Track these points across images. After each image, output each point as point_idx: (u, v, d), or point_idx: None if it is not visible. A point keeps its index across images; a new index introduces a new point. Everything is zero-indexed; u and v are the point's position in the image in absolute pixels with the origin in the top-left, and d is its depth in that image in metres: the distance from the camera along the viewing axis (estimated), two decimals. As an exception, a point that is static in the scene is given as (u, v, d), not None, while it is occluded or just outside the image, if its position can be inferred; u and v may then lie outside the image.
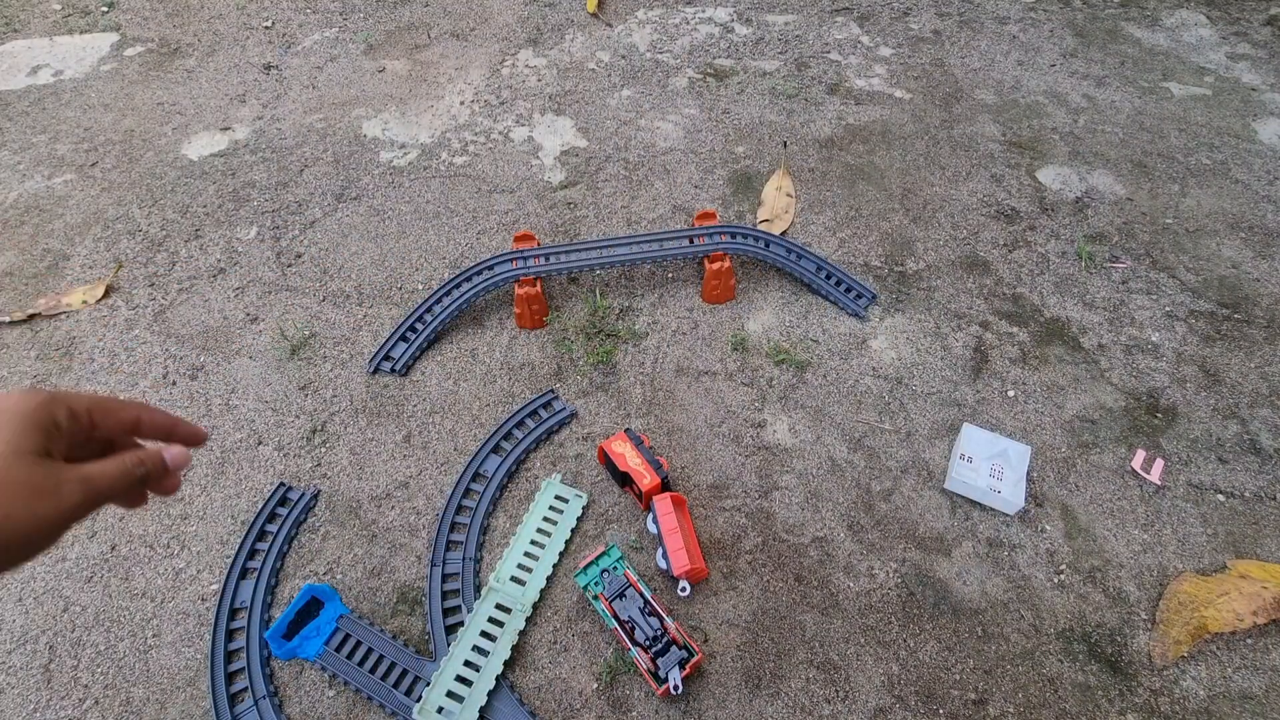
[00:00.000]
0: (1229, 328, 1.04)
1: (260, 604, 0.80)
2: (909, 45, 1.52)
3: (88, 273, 1.14)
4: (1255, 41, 1.52)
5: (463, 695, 0.72)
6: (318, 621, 0.74)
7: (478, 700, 0.72)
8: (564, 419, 0.94)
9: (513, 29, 1.60)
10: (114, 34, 1.62)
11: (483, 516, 0.85)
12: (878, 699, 0.74)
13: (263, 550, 0.84)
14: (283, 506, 0.87)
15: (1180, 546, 0.84)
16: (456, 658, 0.74)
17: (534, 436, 0.91)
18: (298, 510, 0.87)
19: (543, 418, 0.93)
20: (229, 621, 0.79)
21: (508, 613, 0.78)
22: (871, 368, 1.00)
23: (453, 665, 0.74)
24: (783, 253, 1.07)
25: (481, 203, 1.23)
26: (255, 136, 1.36)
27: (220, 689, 0.74)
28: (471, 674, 0.73)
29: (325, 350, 1.04)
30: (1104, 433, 0.93)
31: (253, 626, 0.78)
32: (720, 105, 1.40)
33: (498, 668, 0.74)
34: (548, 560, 0.82)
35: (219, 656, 0.76)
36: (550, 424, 0.93)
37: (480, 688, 0.72)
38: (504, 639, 0.76)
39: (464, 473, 0.88)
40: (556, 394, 0.96)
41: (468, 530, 0.84)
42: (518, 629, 0.77)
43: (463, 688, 0.72)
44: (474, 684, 0.73)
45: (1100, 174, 1.25)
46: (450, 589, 0.80)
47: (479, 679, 0.73)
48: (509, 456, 0.90)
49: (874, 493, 0.88)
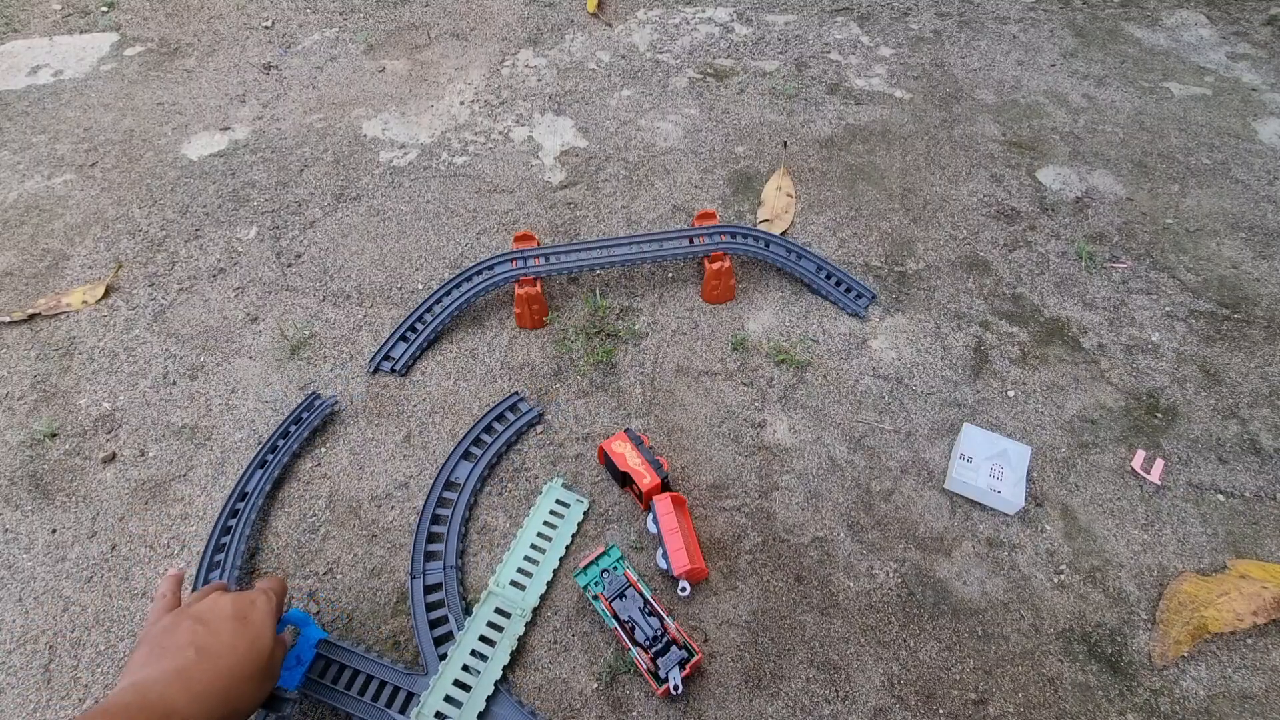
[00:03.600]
0: (1229, 328, 1.04)
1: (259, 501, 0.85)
2: (909, 45, 1.53)
3: (88, 273, 1.14)
4: (1255, 41, 1.52)
5: (461, 700, 0.71)
6: (296, 650, 0.72)
7: (476, 705, 0.71)
8: (531, 419, 0.94)
9: (513, 29, 1.60)
10: (114, 34, 1.62)
11: (460, 524, 0.84)
12: (878, 699, 0.74)
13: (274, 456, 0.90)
14: (308, 411, 0.95)
15: (1180, 546, 0.84)
16: (455, 661, 0.73)
17: (503, 439, 0.91)
18: (316, 417, 0.94)
19: (510, 420, 0.93)
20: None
21: (507, 617, 0.78)
22: (871, 368, 1.00)
23: (451, 669, 0.73)
24: (783, 253, 1.07)
25: (481, 203, 1.23)
26: (255, 136, 1.36)
27: None
28: (470, 679, 0.73)
29: (325, 350, 1.04)
30: (1104, 433, 0.93)
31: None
32: (720, 105, 1.40)
33: (497, 672, 0.73)
34: (548, 565, 0.82)
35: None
36: (519, 425, 0.92)
37: (479, 692, 0.72)
38: (503, 644, 0.75)
39: (435, 481, 0.87)
40: (522, 395, 0.95)
41: (445, 539, 0.83)
42: (517, 634, 0.76)
43: (461, 693, 0.72)
44: (473, 689, 0.72)
45: (1100, 174, 1.25)
46: (434, 600, 0.79)
47: (478, 683, 0.73)
48: (479, 462, 0.89)
49: (874, 493, 0.88)
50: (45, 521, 0.88)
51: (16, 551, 0.86)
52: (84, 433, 0.96)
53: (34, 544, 0.86)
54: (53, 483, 0.92)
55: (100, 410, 0.98)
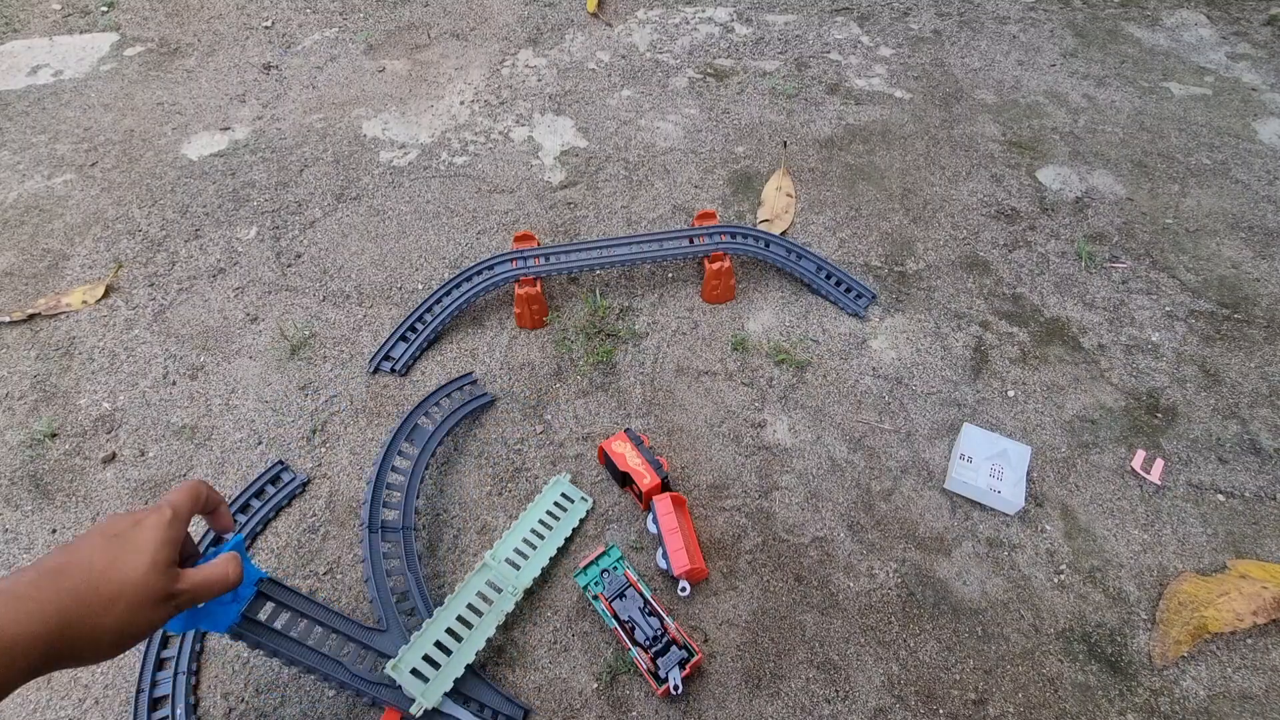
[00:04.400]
0: (1229, 328, 1.04)
1: None
2: (909, 45, 1.53)
3: (88, 273, 1.14)
4: (1255, 41, 1.52)
5: (440, 662, 0.71)
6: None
7: (454, 670, 0.70)
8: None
9: (513, 29, 1.60)
10: (114, 34, 1.62)
11: (416, 485, 0.84)
12: (878, 699, 0.74)
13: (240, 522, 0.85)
14: (272, 485, 0.89)
15: (1180, 546, 0.84)
16: (439, 623, 0.73)
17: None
18: (285, 492, 0.89)
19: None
20: None
21: (498, 592, 0.77)
22: (871, 368, 1.00)
23: (434, 630, 0.72)
24: (783, 253, 1.07)
25: (481, 203, 1.23)
26: (255, 136, 1.36)
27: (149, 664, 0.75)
28: (452, 643, 0.72)
29: (325, 350, 1.04)
30: (1104, 433, 0.93)
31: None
32: (720, 105, 1.40)
33: (480, 643, 0.73)
34: (545, 552, 0.82)
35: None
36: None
37: (458, 659, 0.71)
38: (489, 617, 0.75)
39: (391, 443, 0.86)
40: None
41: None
42: (505, 610, 0.76)
43: (440, 654, 0.71)
44: (452, 654, 0.71)
45: (1100, 174, 1.25)
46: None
47: (458, 650, 0.72)
48: (436, 434, 0.88)
49: (874, 493, 0.88)
50: (45, 521, 0.88)
51: (16, 551, 0.86)
52: (84, 433, 0.96)
53: (34, 544, 0.86)
54: (53, 483, 0.92)
55: (100, 410, 0.98)
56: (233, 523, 0.62)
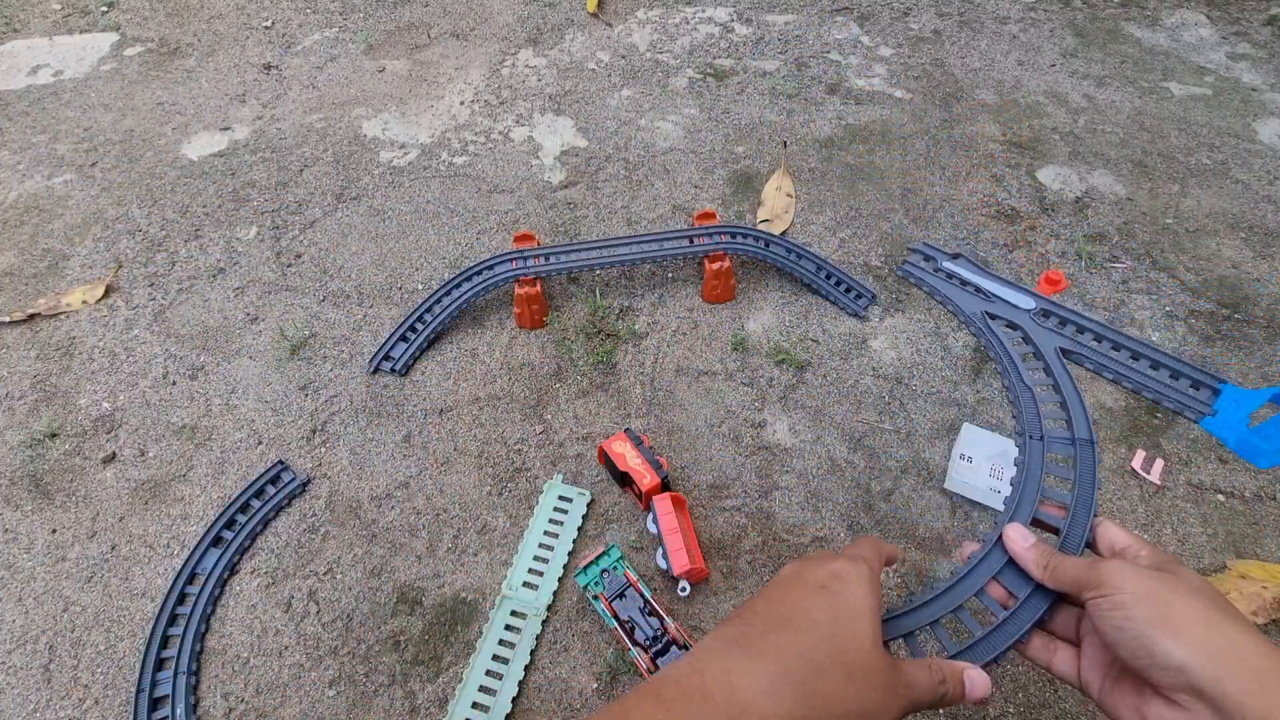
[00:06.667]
0: (1229, 328, 1.04)
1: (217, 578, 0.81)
2: (909, 45, 1.52)
3: (88, 273, 1.14)
4: (1255, 41, 1.52)
5: (488, 705, 0.72)
6: None
7: (503, 707, 0.72)
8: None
9: (513, 29, 1.60)
10: (114, 34, 1.62)
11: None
12: (878, 699, 0.74)
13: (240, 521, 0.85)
14: (272, 485, 0.89)
15: (1180, 546, 0.84)
16: (478, 669, 0.74)
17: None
18: (285, 492, 0.88)
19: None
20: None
21: (523, 619, 0.78)
22: (871, 368, 1.00)
23: (475, 676, 0.74)
24: (783, 253, 1.07)
25: (481, 203, 1.23)
26: (255, 136, 1.36)
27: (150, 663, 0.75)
28: (494, 683, 0.74)
29: (325, 350, 1.04)
30: (1104, 433, 0.93)
31: (201, 599, 0.79)
32: (720, 105, 1.40)
33: (520, 673, 0.74)
34: (557, 562, 0.82)
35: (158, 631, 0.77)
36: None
37: (505, 694, 0.73)
38: (522, 645, 0.76)
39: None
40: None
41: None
42: (535, 633, 0.77)
43: (487, 698, 0.73)
44: (498, 692, 0.73)
45: (1100, 174, 1.25)
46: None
47: (502, 687, 0.73)
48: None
49: (874, 493, 0.88)
50: (45, 521, 0.88)
51: (16, 551, 0.86)
52: (84, 433, 0.96)
53: (34, 544, 0.86)
54: (53, 483, 0.92)
55: (100, 410, 0.98)
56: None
